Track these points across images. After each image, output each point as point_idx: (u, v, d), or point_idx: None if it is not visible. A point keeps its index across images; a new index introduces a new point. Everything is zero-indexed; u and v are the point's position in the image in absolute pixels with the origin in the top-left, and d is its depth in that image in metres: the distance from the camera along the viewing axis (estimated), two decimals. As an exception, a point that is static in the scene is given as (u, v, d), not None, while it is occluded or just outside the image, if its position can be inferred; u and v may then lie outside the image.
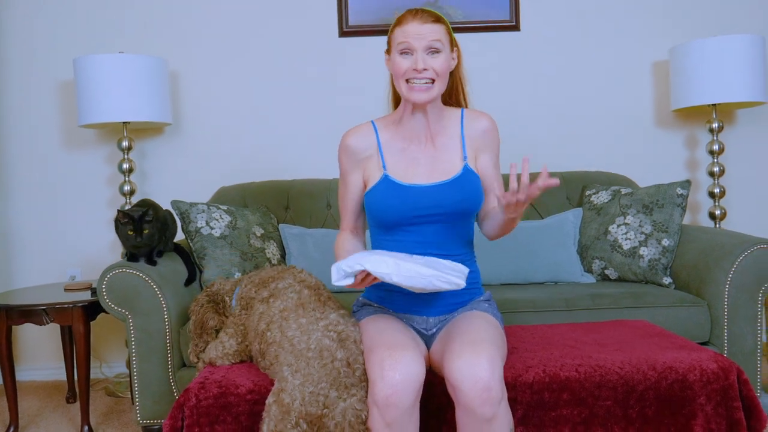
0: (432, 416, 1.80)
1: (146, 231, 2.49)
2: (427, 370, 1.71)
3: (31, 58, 3.50)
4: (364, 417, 1.61)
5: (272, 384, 1.80)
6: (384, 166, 1.93)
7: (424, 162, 1.94)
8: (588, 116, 3.54)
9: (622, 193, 3.00)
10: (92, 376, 3.44)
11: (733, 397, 1.85)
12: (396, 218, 1.90)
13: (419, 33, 1.82)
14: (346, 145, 1.97)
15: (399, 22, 1.87)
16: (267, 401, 1.68)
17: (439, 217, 1.89)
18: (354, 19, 3.52)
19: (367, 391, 1.66)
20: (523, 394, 1.83)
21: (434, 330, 1.91)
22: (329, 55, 3.53)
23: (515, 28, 3.53)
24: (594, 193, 3.08)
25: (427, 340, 1.91)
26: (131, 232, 2.48)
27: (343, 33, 3.52)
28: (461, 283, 1.70)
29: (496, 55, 3.52)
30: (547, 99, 3.54)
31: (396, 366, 1.60)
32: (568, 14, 3.54)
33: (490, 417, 1.59)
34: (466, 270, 1.79)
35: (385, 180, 1.92)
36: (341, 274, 1.69)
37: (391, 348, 1.65)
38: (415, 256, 1.82)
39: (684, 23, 3.51)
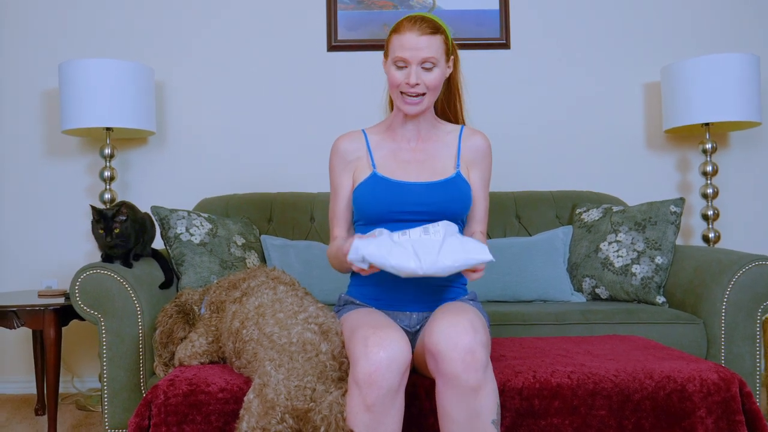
0: (413, 421, 1.69)
1: (117, 230, 2.37)
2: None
3: (17, 66, 3.43)
4: None
5: (247, 383, 1.70)
6: (374, 165, 1.92)
7: (415, 164, 1.93)
8: (578, 137, 3.49)
9: (614, 210, 2.93)
10: (64, 390, 3.33)
11: (736, 411, 1.75)
12: (382, 211, 1.86)
13: (416, 46, 1.80)
14: (337, 146, 1.98)
15: (397, 29, 1.84)
16: (246, 398, 1.58)
17: (426, 216, 1.84)
18: (343, 34, 3.48)
19: None
20: (512, 400, 1.73)
21: (417, 327, 1.84)
22: (317, 69, 3.48)
23: (505, 46, 3.50)
24: (585, 211, 3.01)
25: (411, 338, 1.82)
26: (101, 230, 2.37)
27: (332, 47, 3.48)
28: (487, 257, 1.60)
29: (486, 72, 3.48)
30: (536, 118, 3.49)
31: (381, 343, 1.51)
32: (559, 34, 3.51)
33: (476, 386, 1.49)
34: (481, 245, 1.64)
35: (374, 176, 1.90)
36: (359, 255, 1.60)
37: (375, 327, 1.57)
38: (420, 230, 1.67)
39: (675, 44, 3.49)
